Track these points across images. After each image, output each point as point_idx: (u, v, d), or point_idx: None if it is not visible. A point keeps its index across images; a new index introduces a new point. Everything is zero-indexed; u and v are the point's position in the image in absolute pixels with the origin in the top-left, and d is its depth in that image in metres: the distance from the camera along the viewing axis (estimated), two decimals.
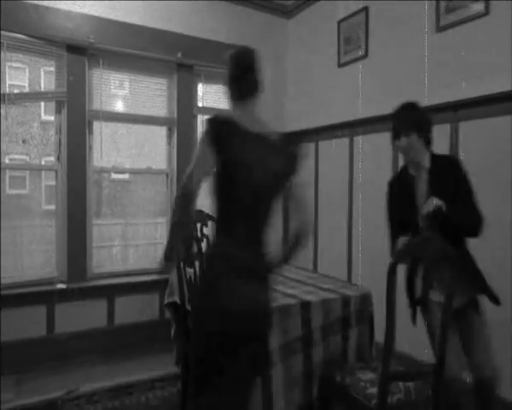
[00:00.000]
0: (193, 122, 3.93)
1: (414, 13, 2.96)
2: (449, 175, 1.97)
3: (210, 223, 3.48)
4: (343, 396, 1.82)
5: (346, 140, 3.61)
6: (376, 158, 3.30)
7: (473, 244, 2.53)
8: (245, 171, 1.47)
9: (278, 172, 1.55)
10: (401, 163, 3.08)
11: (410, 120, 2.02)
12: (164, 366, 3.11)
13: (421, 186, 2.06)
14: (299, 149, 1.65)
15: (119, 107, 3.68)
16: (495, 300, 1.96)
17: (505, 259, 2.38)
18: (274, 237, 1.82)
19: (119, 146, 3.72)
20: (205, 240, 3.41)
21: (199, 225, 3.41)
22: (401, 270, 1.57)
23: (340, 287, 2.27)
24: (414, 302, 1.97)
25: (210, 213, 3.50)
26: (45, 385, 2.87)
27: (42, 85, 3.40)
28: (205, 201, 1.54)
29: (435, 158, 2.05)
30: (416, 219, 2.01)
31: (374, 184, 3.32)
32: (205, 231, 3.45)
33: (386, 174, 3.19)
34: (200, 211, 3.53)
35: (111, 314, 3.49)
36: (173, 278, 2.66)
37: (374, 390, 1.69)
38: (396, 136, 2.07)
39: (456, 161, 2.04)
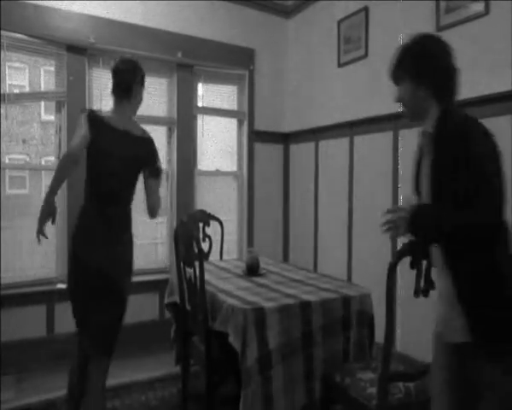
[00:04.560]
0: (193, 122, 3.94)
1: (414, 13, 2.96)
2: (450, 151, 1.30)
3: (212, 222, 3.49)
4: (343, 396, 1.82)
5: (346, 140, 3.61)
6: (376, 158, 3.30)
7: None
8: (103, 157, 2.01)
9: (133, 158, 2.05)
10: (401, 162, 3.09)
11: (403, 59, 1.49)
12: (164, 366, 3.11)
13: (424, 161, 1.47)
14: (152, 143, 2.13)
15: None
16: None
17: None
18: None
19: None
20: (207, 239, 3.43)
21: (201, 225, 3.42)
22: (402, 269, 1.57)
23: (340, 287, 2.27)
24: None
25: (212, 214, 3.51)
26: (45, 385, 2.86)
27: (42, 85, 3.40)
28: None
29: (443, 121, 1.37)
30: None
31: (374, 184, 3.32)
32: (207, 230, 3.45)
33: (386, 174, 3.19)
34: (202, 211, 3.54)
35: None
36: (173, 278, 2.66)
37: (374, 390, 1.69)
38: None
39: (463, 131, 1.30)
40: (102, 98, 3.51)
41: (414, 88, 1.44)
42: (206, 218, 3.47)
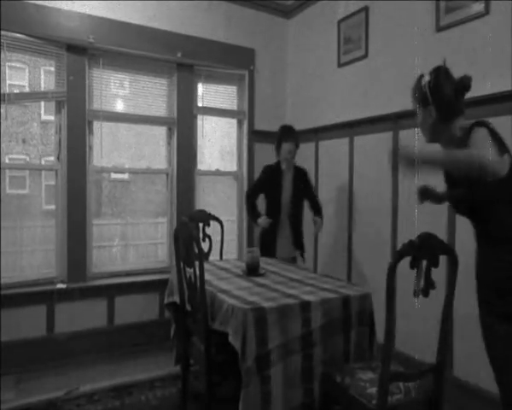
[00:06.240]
0: (193, 122, 3.94)
1: (414, 13, 2.96)
2: None
3: (212, 222, 3.49)
4: (343, 396, 1.82)
5: (345, 140, 3.61)
6: (376, 158, 3.30)
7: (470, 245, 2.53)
8: None
9: None
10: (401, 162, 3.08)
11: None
12: (164, 366, 3.11)
13: None
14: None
15: (119, 107, 3.68)
16: None
17: None
18: None
19: (119, 146, 3.72)
20: (207, 239, 3.42)
21: (201, 225, 3.42)
22: (402, 269, 1.57)
23: (340, 287, 2.27)
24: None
25: (212, 214, 3.51)
26: (45, 385, 2.87)
27: (42, 85, 3.40)
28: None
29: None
30: None
31: (374, 184, 3.32)
32: (207, 230, 3.45)
33: (387, 174, 3.19)
34: (202, 211, 3.54)
35: (111, 314, 3.49)
36: (173, 278, 2.66)
37: (374, 390, 1.69)
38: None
39: None
40: (102, 98, 3.52)
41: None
42: (206, 218, 3.47)
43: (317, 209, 3.41)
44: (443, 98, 1.70)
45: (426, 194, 1.82)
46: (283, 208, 3.35)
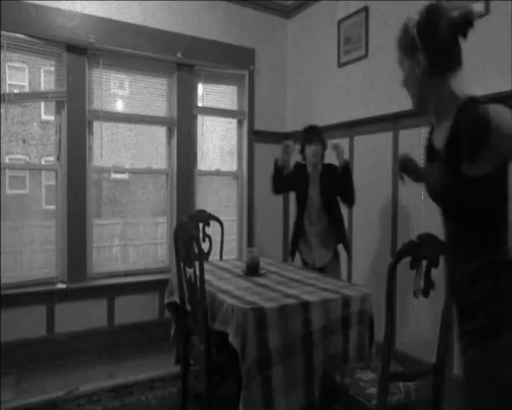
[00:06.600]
0: (193, 122, 3.93)
1: (414, 13, 2.95)
2: None
3: (212, 222, 3.49)
4: (343, 396, 1.82)
5: (346, 140, 3.61)
6: (376, 158, 3.30)
7: None
8: None
9: None
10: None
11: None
12: (164, 366, 3.11)
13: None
14: None
15: (119, 107, 3.68)
16: None
17: None
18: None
19: (119, 146, 3.72)
20: (207, 239, 3.43)
21: (201, 225, 3.42)
22: (402, 269, 1.57)
23: (340, 287, 2.27)
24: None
25: (212, 214, 3.50)
26: (45, 385, 2.87)
27: (42, 85, 3.40)
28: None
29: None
30: None
31: (374, 184, 3.32)
32: (207, 230, 3.45)
33: (386, 174, 3.19)
34: (202, 211, 3.53)
35: (111, 314, 3.49)
36: (173, 278, 2.66)
37: (374, 390, 1.69)
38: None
39: None
40: (102, 98, 3.52)
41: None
42: (206, 218, 3.47)
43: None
44: (436, 40, 1.31)
45: (406, 167, 1.46)
46: (310, 212, 3.13)
